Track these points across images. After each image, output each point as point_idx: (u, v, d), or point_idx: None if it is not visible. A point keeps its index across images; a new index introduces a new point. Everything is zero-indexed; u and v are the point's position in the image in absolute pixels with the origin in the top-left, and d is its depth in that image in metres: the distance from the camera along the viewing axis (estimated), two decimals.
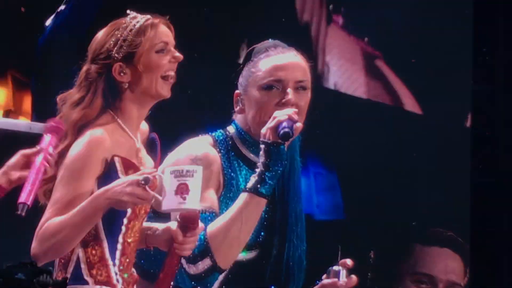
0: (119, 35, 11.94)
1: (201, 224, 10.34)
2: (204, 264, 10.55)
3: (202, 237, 9.92)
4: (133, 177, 9.65)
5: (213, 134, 11.18)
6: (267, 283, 9.12)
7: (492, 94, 12.01)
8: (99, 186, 9.99)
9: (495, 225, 11.89)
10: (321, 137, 11.91)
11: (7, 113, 13.98)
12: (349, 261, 10.86)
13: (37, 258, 11.15)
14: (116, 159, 9.99)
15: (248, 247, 11.05)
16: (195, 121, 12.11)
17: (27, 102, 14.08)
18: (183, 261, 10.39)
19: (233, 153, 11.12)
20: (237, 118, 11.64)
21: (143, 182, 10.35)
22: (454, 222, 11.94)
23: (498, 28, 12.07)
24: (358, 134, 12.17)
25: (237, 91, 11.62)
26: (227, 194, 11.98)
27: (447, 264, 11.82)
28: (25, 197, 8.86)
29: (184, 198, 10.98)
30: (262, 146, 9.00)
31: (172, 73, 11.14)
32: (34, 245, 10.81)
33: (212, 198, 10.63)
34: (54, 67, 13.72)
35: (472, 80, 12.01)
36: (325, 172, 12.24)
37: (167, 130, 11.73)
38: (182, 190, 10.26)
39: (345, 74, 12.63)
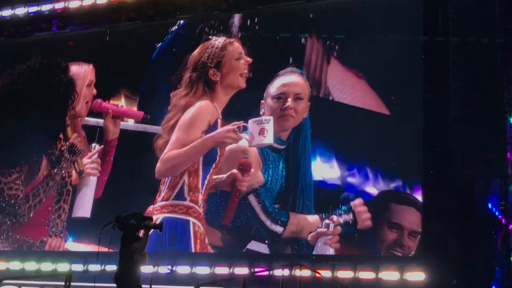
0: (209, 52, 13.98)
1: (252, 169, 12.42)
2: (278, 228, 12.10)
3: (285, 218, 12.32)
4: (229, 127, 11.85)
5: (247, 131, 12.59)
6: None
7: (436, 100, 12.10)
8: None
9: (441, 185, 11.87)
10: (323, 130, 12.72)
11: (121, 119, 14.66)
12: (335, 218, 12.04)
13: (159, 173, 13.62)
14: (219, 121, 12.15)
15: (276, 198, 12.18)
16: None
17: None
18: (264, 218, 12.29)
19: None
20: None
21: (237, 129, 12.50)
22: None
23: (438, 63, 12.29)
24: (348, 126, 12.61)
25: (262, 101, 13.09)
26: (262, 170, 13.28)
27: (411, 218, 11.88)
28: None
29: (265, 137, 13.07)
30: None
31: (246, 71, 13.14)
32: (158, 165, 13.33)
33: (260, 174, 12.15)
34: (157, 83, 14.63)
35: (423, 91, 12.24)
36: (325, 152, 12.60)
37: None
38: (263, 132, 12.40)
39: (340, 90, 13.01)
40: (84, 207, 14.03)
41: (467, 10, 11.97)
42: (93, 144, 14.06)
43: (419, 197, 11.93)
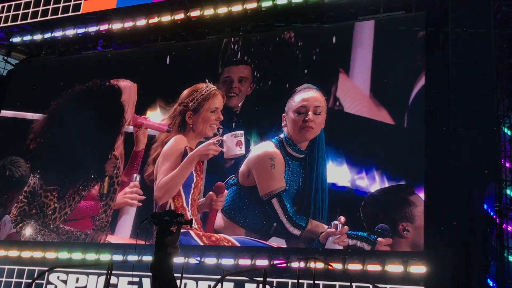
0: (194, 95, 14.33)
1: (226, 191, 12.84)
2: (296, 231, 11.99)
3: (305, 224, 12.37)
4: (211, 141, 12.77)
5: (272, 140, 12.73)
6: None
7: (436, 112, 12.19)
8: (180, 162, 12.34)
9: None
10: (335, 138, 12.68)
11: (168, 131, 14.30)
12: (342, 218, 11.89)
13: (159, 200, 13.87)
14: (187, 147, 12.32)
15: (294, 201, 12.19)
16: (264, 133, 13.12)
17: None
18: (285, 220, 12.42)
19: (283, 151, 12.67)
20: (284, 129, 13.16)
21: (216, 142, 12.81)
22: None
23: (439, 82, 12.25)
24: (357, 135, 12.60)
25: (283, 114, 13.04)
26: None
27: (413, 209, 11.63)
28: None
29: (241, 148, 13.30)
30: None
31: (215, 126, 13.32)
32: (155, 193, 13.46)
33: (283, 179, 12.14)
34: None
35: (424, 104, 12.23)
36: (337, 158, 12.58)
37: (252, 136, 12.91)
38: (239, 143, 12.60)
39: (349, 102, 12.97)
40: (124, 230, 14.16)
41: (465, 35, 11.86)
42: (135, 175, 14.14)
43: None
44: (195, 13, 15.16)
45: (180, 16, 15.36)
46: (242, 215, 12.95)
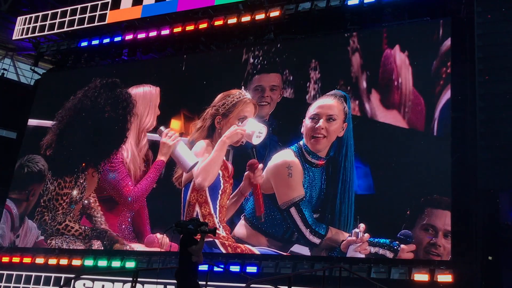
0: (226, 100, 14.35)
1: (261, 164, 12.94)
2: (316, 239, 11.94)
3: (324, 232, 12.35)
4: (235, 125, 13.20)
5: (292, 147, 12.66)
6: None
7: (463, 117, 12.06)
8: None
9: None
10: (360, 144, 12.56)
11: (181, 134, 14.67)
12: (362, 226, 11.73)
13: (204, 182, 13.99)
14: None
15: (315, 208, 12.14)
16: (285, 139, 13.10)
17: (192, 128, 14.42)
18: (304, 229, 12.39)
19: (302, 158, 12.61)
20: (303, 135, 13.09)
21: (240, 123, 12.75)
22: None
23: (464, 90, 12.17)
24: (383, 142, 12.46)
25: (303, 119, 12.99)
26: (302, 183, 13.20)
27: (445, 220, 11.45)
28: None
29: (261, 123, 13.73)
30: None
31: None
32: (198, 179, 13.43)
33: (302, 188, 12.05)
34: None
35: (451, 110, 12.09)
36: (362, 166, 12.47)
37: (274, 144, 12.82)
38: (259, 122, 13.52)
39: (375, 109, 12.81)
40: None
41: (491, 40, 11.71)
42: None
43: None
44: (218, 22, 15.24)
45: (204, 25, 15.47)
46: (264, 223, 12.97)
